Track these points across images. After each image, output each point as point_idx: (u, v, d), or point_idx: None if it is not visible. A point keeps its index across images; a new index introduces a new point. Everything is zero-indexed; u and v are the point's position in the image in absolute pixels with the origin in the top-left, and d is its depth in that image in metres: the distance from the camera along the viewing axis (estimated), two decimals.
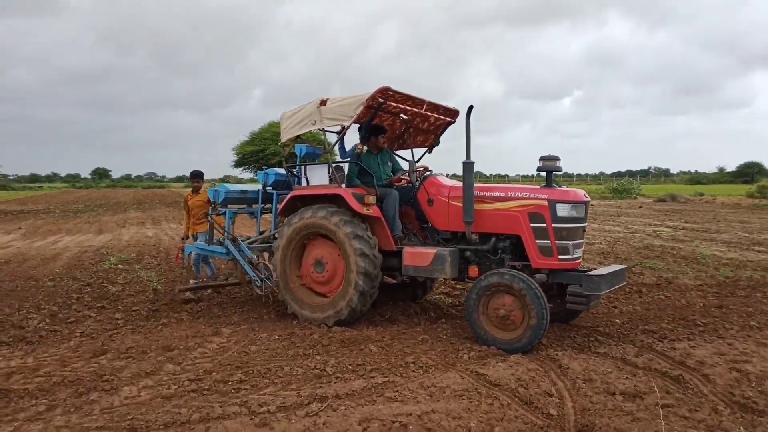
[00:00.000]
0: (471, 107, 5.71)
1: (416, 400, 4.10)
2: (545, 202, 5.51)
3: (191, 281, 7.65)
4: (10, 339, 5.76)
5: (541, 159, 5.60)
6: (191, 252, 7.74)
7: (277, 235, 6.80)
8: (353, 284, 6.01)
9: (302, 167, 7.01)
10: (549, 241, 5.48)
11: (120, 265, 10.31)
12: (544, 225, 5.49)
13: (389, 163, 7.07)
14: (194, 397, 4.25)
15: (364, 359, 5.07)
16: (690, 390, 4.35)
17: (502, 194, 5.79)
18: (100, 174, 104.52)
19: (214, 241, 7.50)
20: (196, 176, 8.31)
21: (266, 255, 7.12)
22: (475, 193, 5.77)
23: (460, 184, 5.88)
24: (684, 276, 8.98)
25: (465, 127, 5.73)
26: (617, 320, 6.39)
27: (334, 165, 6.57)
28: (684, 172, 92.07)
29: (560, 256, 5.50)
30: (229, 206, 7.52)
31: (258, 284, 6.77)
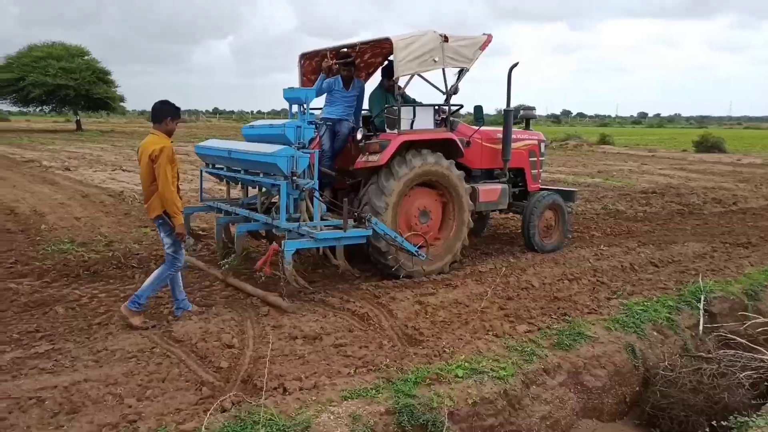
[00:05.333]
0: (515, 64, 6.77)
1: (74, 369, 3.74)
2: (536, 141, 7.36)
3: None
4: None
5: (522, 109, 7.55)
6: (294, 251, 5.04)
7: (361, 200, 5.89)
8: (466, 223, 6.31)
9: (401, 108, 5.87)
10: (536, 171, 7.37)
11: None
12: (535, 159, 7.33)
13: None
14: None
15: (41, 325, 4.51)
16: (372, 326, 4.59)
17: (515, 137, 7.05)
18: None
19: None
20: None
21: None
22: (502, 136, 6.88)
23: (484, 128, 6.75)
24: None
25: (506, 80, 6.79)
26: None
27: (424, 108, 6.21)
28: None
29: (539, 181, 7.45)
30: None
31: (424, 257, 5.78)
